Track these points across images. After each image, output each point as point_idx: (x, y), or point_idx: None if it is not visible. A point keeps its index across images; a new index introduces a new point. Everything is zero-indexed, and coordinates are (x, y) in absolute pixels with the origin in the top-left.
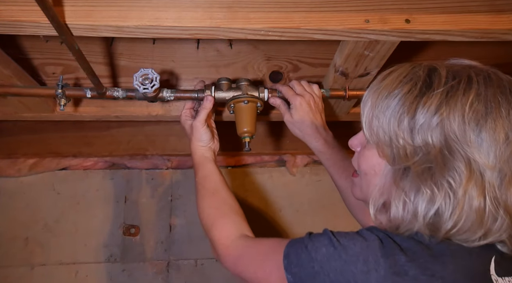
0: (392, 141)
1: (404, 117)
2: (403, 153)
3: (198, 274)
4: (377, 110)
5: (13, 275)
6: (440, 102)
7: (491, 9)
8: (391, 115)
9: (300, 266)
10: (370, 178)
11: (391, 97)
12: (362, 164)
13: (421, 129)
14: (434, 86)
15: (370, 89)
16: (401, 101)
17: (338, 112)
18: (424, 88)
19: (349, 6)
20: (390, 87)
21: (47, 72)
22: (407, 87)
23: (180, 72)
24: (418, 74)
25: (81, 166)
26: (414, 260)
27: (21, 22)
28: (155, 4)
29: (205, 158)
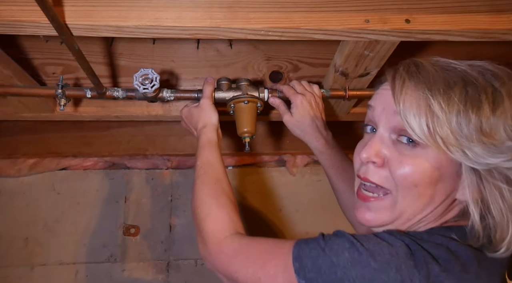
0: (464, 141)
1: (479, 113)
2: (494, 148)
3: (198, 274)
4: (438, 105)
5: (13, 275)
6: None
7: (491, 9)
8: (459, 111)
9: (318, 272)
10: (425, 188)
11: (453, 92)
12: (410, 174)
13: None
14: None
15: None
16: (465, 96)
17: (338, 112)
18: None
19: (349, 6)
20: (443, 79)
21: (47, 72)
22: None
23: (180, 72)
24: (459, 68)
25: (81, 166)
26: (448, 270)
27: (21, 22)
28: (155, 4)
29: (211, 143)
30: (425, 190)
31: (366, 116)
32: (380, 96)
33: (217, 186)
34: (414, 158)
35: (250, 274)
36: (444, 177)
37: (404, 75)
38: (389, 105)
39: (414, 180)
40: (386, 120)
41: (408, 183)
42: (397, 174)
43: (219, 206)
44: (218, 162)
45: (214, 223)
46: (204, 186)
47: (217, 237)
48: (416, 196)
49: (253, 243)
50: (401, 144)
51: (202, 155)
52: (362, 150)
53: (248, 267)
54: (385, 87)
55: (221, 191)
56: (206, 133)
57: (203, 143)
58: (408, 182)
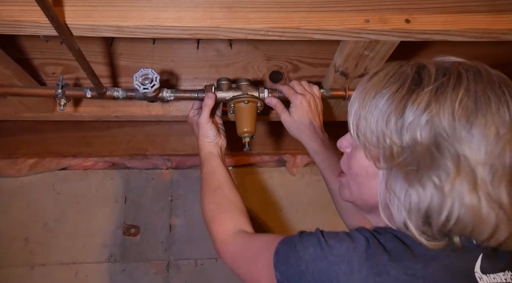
0: (380, 142)
1: (392, 117)
2: (389, 154)
3: (198, 274)
4: (365, 111)
5: (13, 275)
6: (429, 99)
7: (491, 9)
8: (378, 115)
9: (288, 264)
10: (362, 179)
11: (379, 97)
12: (353, 165)
13: (409, 127)
14: (423, 83)
15: (357, 89)
16: (389, 100)
17: (338, 112)
18: (413, 86)
19: (349, 6)
20: (377, 86)
21: (47, 72)
22: (395, 86)
23: (180, 72)
24: (406, 73)
25: (81, 166)
26: (397, 260)
27: (21, 22)
28: (155, 4)
29: (211, 154)
30: (364, 181)
31: None
32: None
33: (218, 193)
34: (358, 151)
35: (246, 269)
36: (379, 177)
37: (362, 80)
38: None
39: (355, 170)
40: None
41: (351, 172)
42: (346, 163)
43: (220, 211)
44: (218, 170)
45: (218, 226)
46: (207, 195)
47: (221, 238)
48: (357, 184)
49: (249, 240)
50: None
51: (204, 167)
52: (339, 139)
53: (244, 263)
54: None
55: (222, 196)
56: (205, 146)
57: (204, 156)
58: (352, 171)
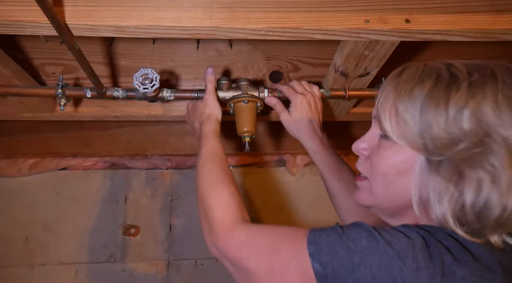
0: (425, 132)
1: (438, 108)
2: (440, 143)
3: (198, 274)
4: (403, 104)
5: (13, 275)
6: (471, 91)
7: (491, 9)
8: (421, 106)
9: (334, 256)
10: (391, 178)
11: (417, 89)
12: (381, 165)
13: (455, 118)
14: (460, 77)
15: (386, 86)
16: (431, 92)
17: (338, 112)
18: (452, 79)
19: (349, 6)
20: (412, 80)
21: (47, 72)
22: (432, 79)
23: (180, 72)
24: (437, 67)
25: (81, 166)
26: (460, 261)
27: (21, 22)
28: (155, 4)
29: (215, 133)
30: (393, 180)
31: (373, 110)
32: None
33: (226, 176)
34: (385, 150)
35: (264, 260)
36: (411, 169)
37: (395, 73)
38: None
39: (384, 171)
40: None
41: (378, 173)
42: (372, 164)
43: (230, 194)
44: (223, 153)
45: (225, 210)
46: (213, 173)
47: (226, 225)
48: (385, 185)
49: (264, 230)
50: (381, 138)
51: (207, 144)
52: (354, 143)
53: (261, 253)
54: None
55: (230, 180)
56: (210, 124)
57: (207, 133)
58: (379, 172)
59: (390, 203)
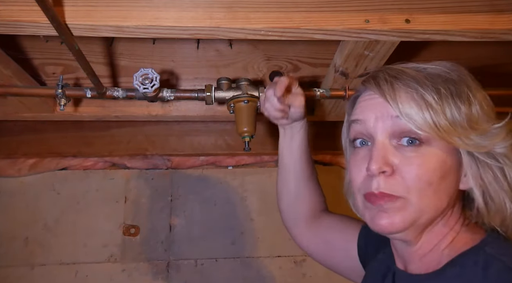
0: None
1: (460, 106)
2: (475, 138)
3: (198, 274)
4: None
5: (13, 275)
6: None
7: (491, 9)
8: (447, 105)
9: None
10: (437, 185)
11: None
12: (423, 174)
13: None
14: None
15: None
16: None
17: (338, 112)
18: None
19: (349, 6)
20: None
21: (47, 72)
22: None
23: (180, 72)
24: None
25: (81, 166)
26: None
27: (21, 22)
28: (155, 4)
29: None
30: (439, 186)
31: (354, 131)
32: (367, 107)
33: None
34: (422, 157)
35: None
36: (450, 169)
37: (389, 79)
38: (383, 112)
39: (428, 178)
40: (384, 127)
41: (423, 184)
42: (411, 177)
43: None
44: None
45: None
46: None
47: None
48: (432, 194)
49: None
50: (403, 147)
51: None
52: (371, 162)
53: None
54: (369, 97)
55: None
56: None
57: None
58: (423, 182)
59: (434, 213)
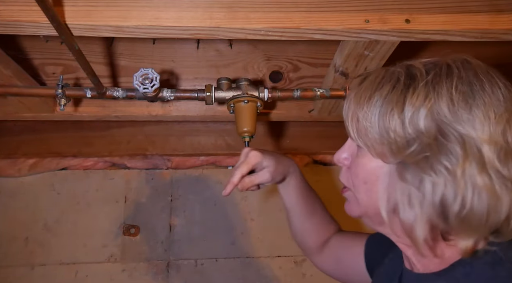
0: (384, 138)
1: (394, 112)
2: (396, 148)
3: (198, 274)
4: (363, 112)
5: (13, 275)
6: (426, 90)
7: (491, 9)
8: (379, 113)
9: None
10: (372, 185)
11: (375, 96)
12: (360, 173)
13: (411, 120)
14: (417, 78)
15: (349, 95)
16: (388, 97)
17: (338, 112)
18: (408, 81)
19: (349, 6)
20: (371, 87)
21: (47, 72)
22: (390, 84)
23: (180, 72)
24: (397, 72)
25: (81, 166)
26: None
27: (21, 22)
28: (155, 4)
29: None
30: (373, 187)
31: None
32: None
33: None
34: (362, 157)
35: None
36: (385, 176)
37: (354, 83)
38: None
39: (363, 178)
40: None
41: (358, 181)
42: (352, 173)
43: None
44: None
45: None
46: None
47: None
48: (367, 192)
49: None
50: (358, 146)
51: None
52: (335, 154)
53: None
54: None
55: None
56: None
57: None
58: (358, 180)
59: (375, 210)
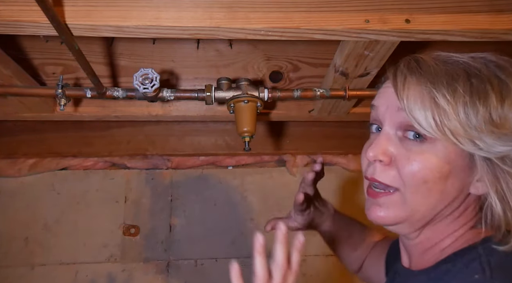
0: (476, 131)
1: (478, 105)
2: (491, 142)
3: (198, 274)
4: (445, 100)
5: (13, 275)
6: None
7: (491, 9)
8: (464, 105)
9: None
10: (433, 184)
11: (456, 84)
12: (420, 171)
13: (501, 116)
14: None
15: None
16: (470, 88)
17: (338, 112)
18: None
19: (349, 6)
20: (445, 74)
21: (47, 72)
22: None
23: (180, 72)
24: (462, 61)
25: (81, 166)
26: None
27: (21, 22)
28: (155, 4)
29: None
30: (435, 186)
31: (371, 116)
32: (383, 95)
33: None
34: (422, 153)
35: None
36: (455, 171)
37: (405, 71)
38: (392, 103)
39: (423, 176)
40: (391, 118)
41: (417, 180)
42: (405, 172)
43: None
44: None
45: None
46: None
47: None
48: (426, 192)
49: None
50: (408, 140)
51: None
52: (369, 149)
53: None
54: (387, 85)
55: None
56: None
57: None
58: (417, 178)
59: (428, 212)
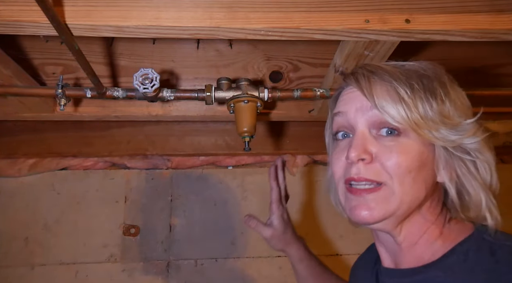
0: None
1: (431, 101)
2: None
3: (198, 274)
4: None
5: (13, 275)
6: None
7: (491, 9)
8: (420, 100)
9: None
10: (416, 173)
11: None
12: (404, 161)
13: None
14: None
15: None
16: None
17: None
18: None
19: (349, 6)
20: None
21: (47, 72)
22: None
23: (180, 72)
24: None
25: (81, 166)
26: None
27: (21, 22)
28: (155, 4)
29: None
30: (417, 175)
31: (335, 124)
32: (348, 100)
33: None
34: (401, 145)
35: None
36: (427, 160)
37: (366, 74)
38: (362, 104)
39: (407, 166)
40: (364, 118)
41: (403, 170)
42: (390, 164)
43: None
44: None
45: None
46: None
47: None
48: (411, 182)
49: None
50: (383, 137)
51: None
52: (350, 150)
53: None
54: (350, 90)
55: None
56: None
57: None
58: (403, 169)
59: (410, 203)
